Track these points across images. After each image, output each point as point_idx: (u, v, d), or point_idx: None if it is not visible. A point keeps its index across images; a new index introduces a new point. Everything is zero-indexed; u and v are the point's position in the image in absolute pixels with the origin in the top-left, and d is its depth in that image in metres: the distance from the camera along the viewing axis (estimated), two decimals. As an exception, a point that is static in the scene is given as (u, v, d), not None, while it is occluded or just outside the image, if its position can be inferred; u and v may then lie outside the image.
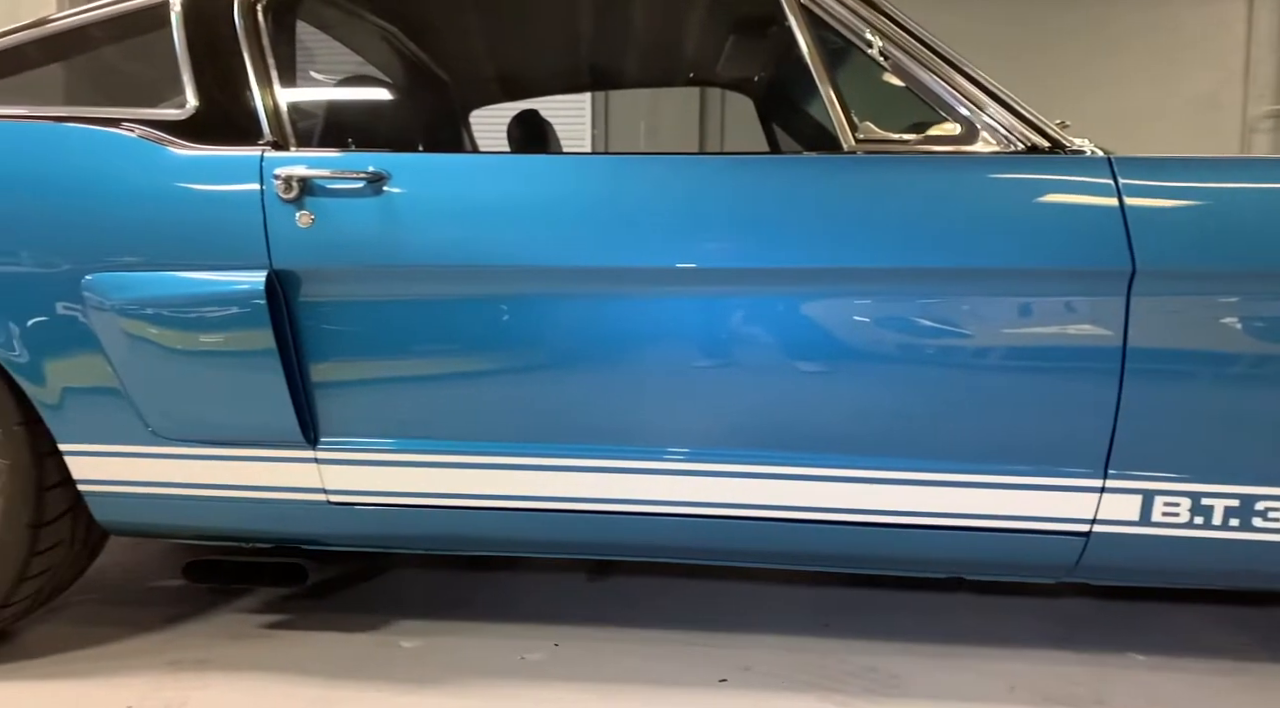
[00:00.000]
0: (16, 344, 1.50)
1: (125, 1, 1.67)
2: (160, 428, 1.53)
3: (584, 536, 1.55)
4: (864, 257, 1.39)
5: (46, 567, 1.59)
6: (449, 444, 1.52)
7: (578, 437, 1.49)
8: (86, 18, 1.67)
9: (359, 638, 1.71)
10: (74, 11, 1.68)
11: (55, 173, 1.52)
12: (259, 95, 1.58)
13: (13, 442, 1.53)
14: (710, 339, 1.46)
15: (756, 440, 1.47)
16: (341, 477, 1.54)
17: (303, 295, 1.50)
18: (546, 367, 1.49)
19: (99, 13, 1.67)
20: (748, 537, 1.51)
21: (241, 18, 1.61)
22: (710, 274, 1.43)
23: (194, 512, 1.58)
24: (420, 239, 1.47)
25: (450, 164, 1.52)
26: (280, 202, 1.48)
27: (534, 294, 1.47)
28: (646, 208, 1.45)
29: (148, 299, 1.47)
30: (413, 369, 1.51)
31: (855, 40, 1.48)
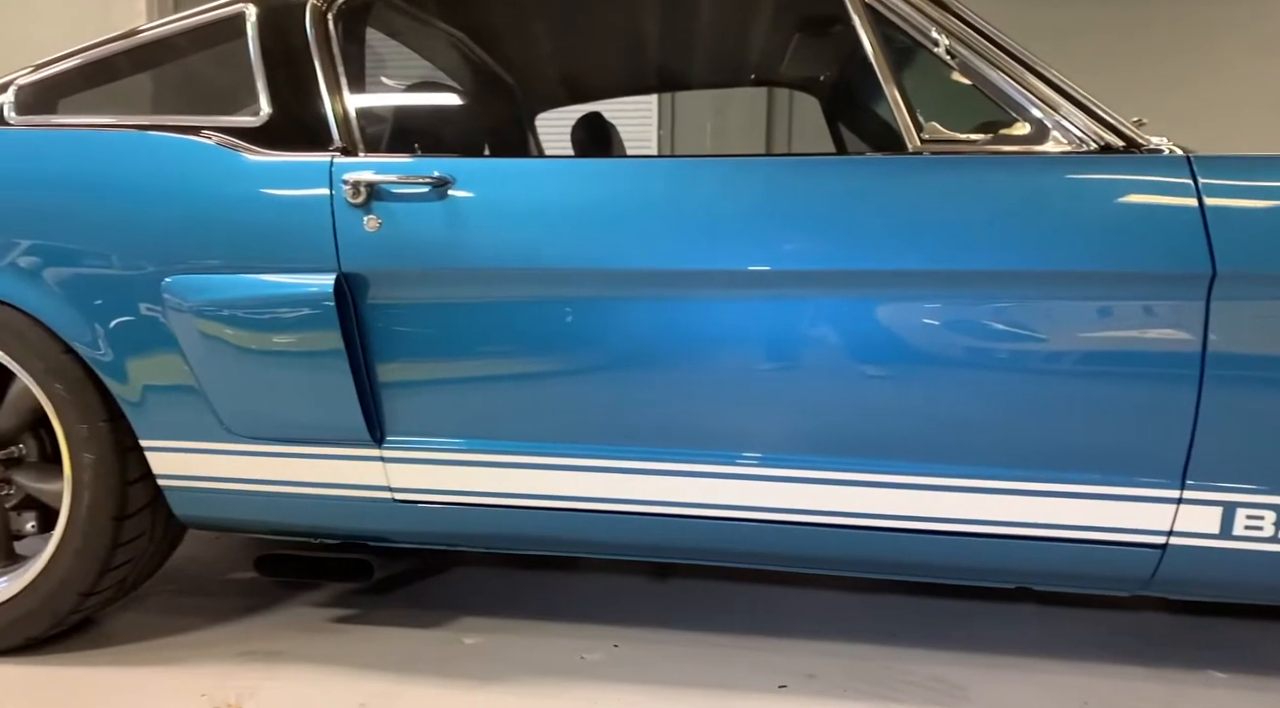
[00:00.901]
0: (101, 344, 1.56)
1: (206, 13, 1.73)
2: (234, 425, 1.58)
3: (646, 538, 1.55)
4: (930, 260, 1.37)
5: (129, 558, 1.65)
6: (512, 445, 1.53)
7: (641, 440, 1.50)
8: (171, 29, 1.74)
9: (422, 634, 1.74)
10: (160, 23, 1.75)
11: (140, 179, 1.58)
12: (329, 102, 1.62)
13: (98, 437, 1.59)
14: (774, 343, 1.44)
15: (823, 446, 1.45)
16: (406, 475, 1.57)
17: (370, 297, 1.53)
18: (610, 369, 1.49)
19: (182, 24, 1.73)
20: (813, 543, 1.50)
21: (312, 26, 1.66)
22: (772, 277, 1.42)
23: (265, 507, 1.63)
24: (484, 242, 1.49)
25: (513, 168, 1.53)
26: (348, 206, 1.52)
27: (595, 297, 1.48)
28: (709, 211, 1.45)
29: (222, 300, 1.52)
30: (477, 370, 1.53)
31: (921, 39, 1.45)
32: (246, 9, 1.69)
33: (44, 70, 1.76)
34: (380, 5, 1.81)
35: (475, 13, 2.12)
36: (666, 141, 7.11)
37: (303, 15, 1.66)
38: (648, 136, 7.07)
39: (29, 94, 1.74)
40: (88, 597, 1.62)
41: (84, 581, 1.60)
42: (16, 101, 1.73)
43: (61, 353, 1.58)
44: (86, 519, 1.59)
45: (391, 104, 2.00)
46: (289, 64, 1.65)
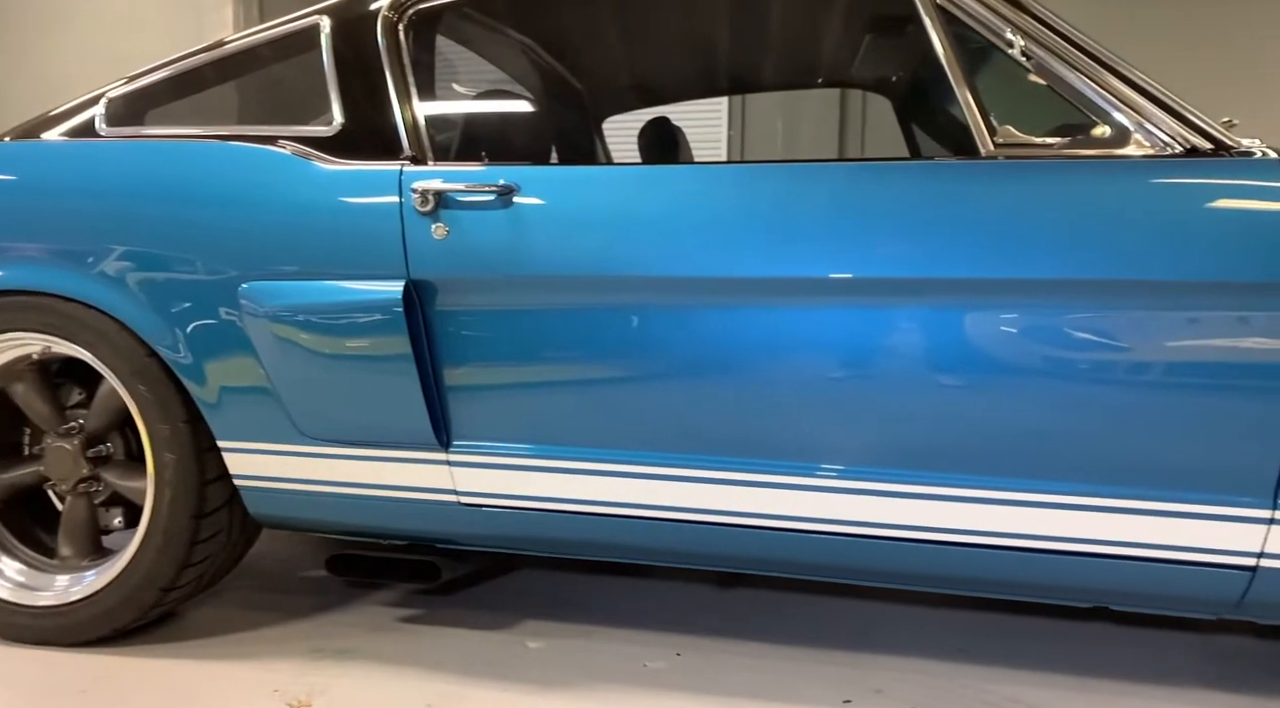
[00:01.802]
0: (182, 347, 1.62)
1: (284, 24, 1.77)
2: (306, 428, 1.62)
3: (712, 548, 1.54)
4: (1006, 268, 1.32)
5: (207, 555, 1.71)
6: (577, 451, 1.54)
7: (706, 448, 1.49)
8: (252, 40, 1.79)
9: (487, 636, 1.75)
10: (242, 34, 1.80)
11: (220, 188, 1.62)
12: (399, 111, 1.64)
13: (179, 438, 1.65)
14: (844, 352, 1.42)
15: (893, 458, 1.42)
16: (472, 479, 1.59)
17: (437, 304, 1.55)
18: (676, 377, 1.49)
19: (262, 35, 1.78)
20: (885, 557, 1.46)
21: (383, 36, 1.68)
22: (841, 285, 1.40)
23: (335, 508, 1.67)
24: (549, 250, 1.49)
25: (577, 176, 1.54)
26: (417, 214, 1.54)
27: (661, 305, 1.47)
28: (777, 217, 1.43)
29: (296, 306, 1.56)
30: (542, 377, 1.54)
31: (994, 40, 1.41)
32: (321, 20, 1.73)
33: (135, 83, 1.82)
34: (450, 14, 1.84)
35: (545, 19, 2.14)
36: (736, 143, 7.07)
37: (374, 26, 1.69)
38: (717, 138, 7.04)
39: (119, 106, 1.81)
40: (168, 591, 1.68)
41: (165, 576, 1.66)
42: (107, 113, 1.80)
43: (145, 356, 1.64)
44: (168, 517, 1.65)
45: (461, 112, 2.02)
46: (360, 74, 1.68)
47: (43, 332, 1.67)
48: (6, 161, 1.72)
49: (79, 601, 1.69)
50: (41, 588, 1.74)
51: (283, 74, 1.82)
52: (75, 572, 1.75)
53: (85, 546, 1.77)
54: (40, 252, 1.65)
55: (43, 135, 1.83)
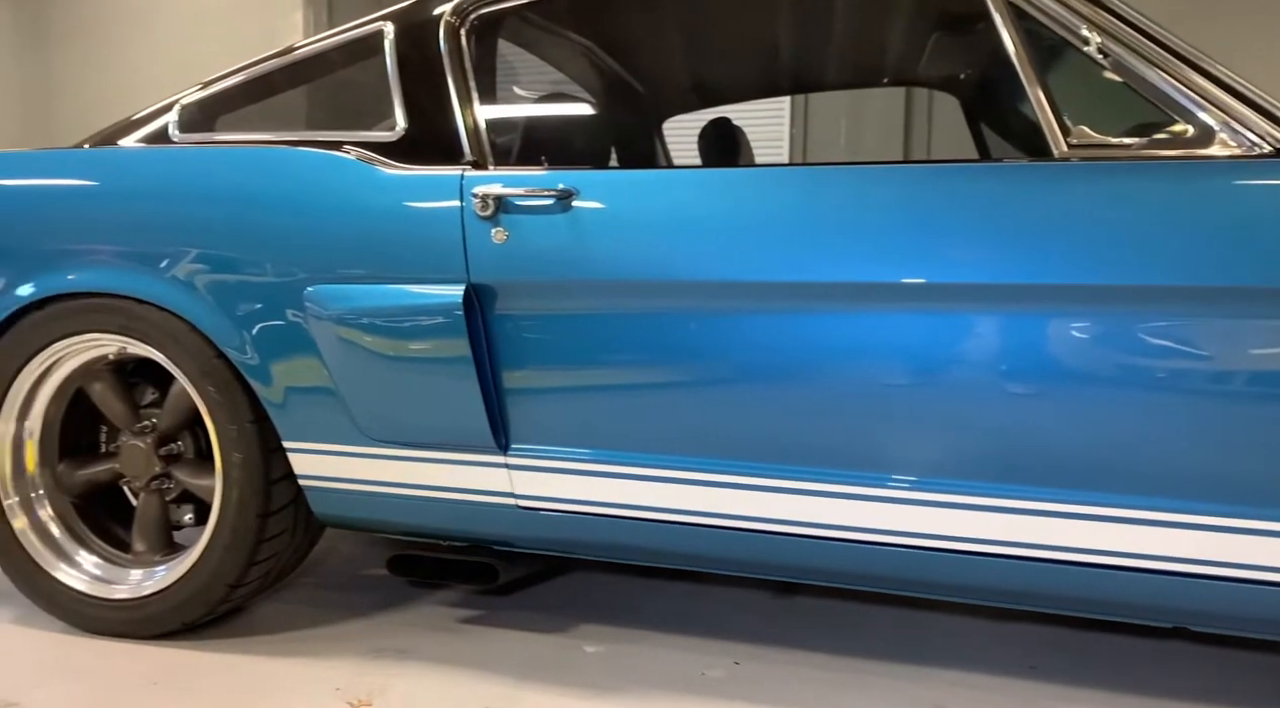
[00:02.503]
0: (249, 349, 1.65)
1: (350, 30, 1.80)
2: (368, 429, 1.64)
3: (773, 558, 1.52)
4: (1081, 274, 1.27)
5: (272, 553, 1.74)
6: (635, 456, 1.53)
7: (766, 456, 1.46)
8: (320, 46, 1.82)
9: (545, 639, 1.76)
10: (311, 40, 1.83)
11: (287, 193, 1.65)
12: (460, 116, 1.65)
13: (246, 438, 1.68)
14: (909, 359, 1.38)
15: (963, 470, 1.38)
16: (530, 483, 1.59)
17: (497, 308, 1.56)
18: (736, 384, 1.47)
19: (329, 41, 1.81)
20: (954, 571, 1.42)
21: (445, 42, 1.70)
22: (909, 291, 1.36)
23: (396, 509, 1.68)
24: (607, 254, 1.49)
25: (636, 179, 1.53)
26: (478, 219, 1.55)
27: (721, 310, 1.45)
28: (839, 221, 1.40)
29: (359, 309, 1.58)
30: (600, 382, 1.54)
31: (1069, 37, 1.36)
32: (385, 26, 1.75)
33: (207, 89, 1.87)
34: (512, 18, 1.84)
35: (607, 21, 2.13)
36: (799, 142, 7.00)
37: (436, 31, 1.70)
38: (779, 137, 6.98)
39: (191, 113, 1.85)
40: (235, 588, 1.72)
41: (232, 572, 1.70)
42: (180, 120, 1.85)
43: (214, 357, 1.68)
44: (235, 515, 1.68)
45: (521, 115, 2.03)
46: (423, 79, 1.70)
47: (118, 333, 1.72)
48: (86, 168, 1.78)
49: (151, 595, 1.73)
50: (116, 582, 1.79)
51: (349, 79, 1.85)
52: (148, 567, 1.80)
53: (157, 541, 1.83)
54: (116, 255, 1.69)
55: (120, 142, 1.89)
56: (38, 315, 1.74)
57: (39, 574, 1.79)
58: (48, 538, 1.81)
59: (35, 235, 1.73)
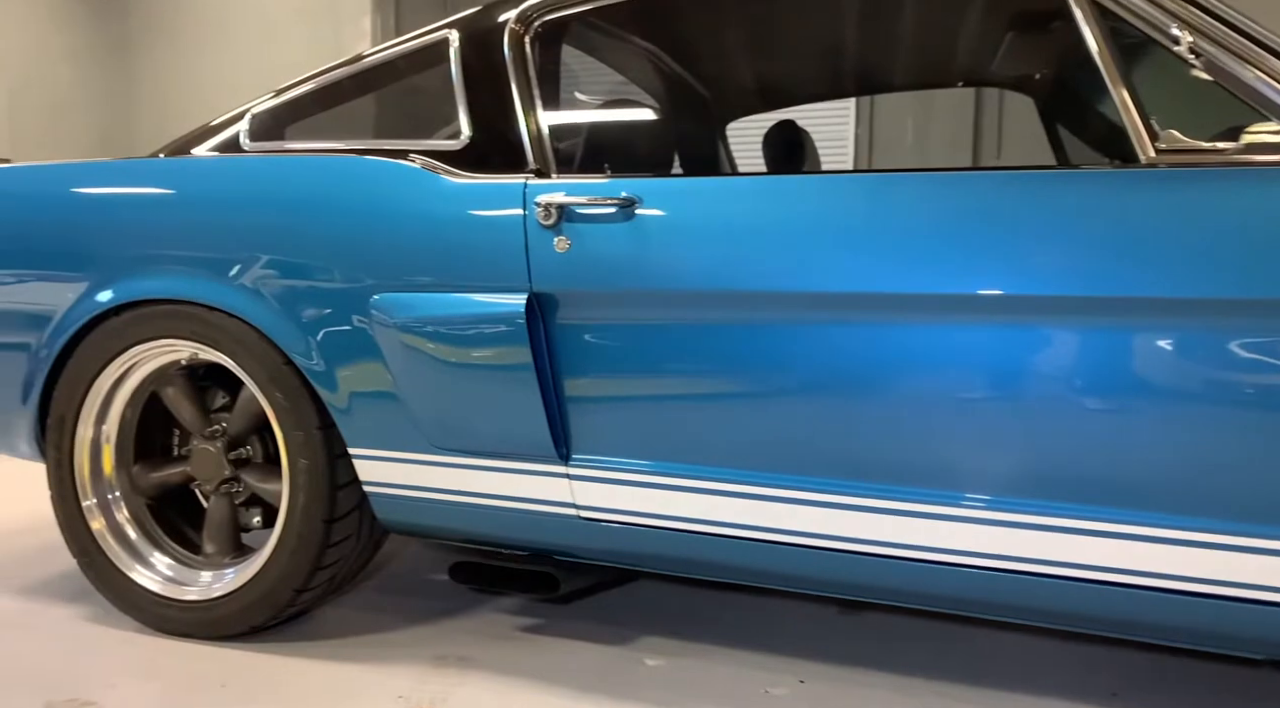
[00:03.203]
0: (315, 355, 1.67)
1: (416, 39, 1.81)
2: (432, 437, 1.64)
3: (837, 576, 1.48)
4: (1168, 286, 1.21)
5: (337, 558, 1.76)
6: (698, 469, 1.50)
7: (832, 472, 1.43)
8: (387, 54, 1.83)
9: (606, 650, 1.74)
10: (378, 49, 1.85)
11: (353, 201, 1.66)
12: (524, 125, 1.65)
13: (312, 444, 1.70)
14: (984, 374, 1.33)
15: (1042, 489, 1.32)
16: (591, 493, 1.57)
17: (559, 317, 1.55)
18: (802, 397, 1.43)
19: (396, 50, 1.82)
20: (1030, 594, 1.36)
21: (510, 49, 1.69)
22: (986, 302, 1.31)
23: (458, 516, 1.69)
24: (670, 263, 1.47)
25: (699, 187, 1.50)
26: (540, 227, 1.54)
27: (788, 321, 1.42)
28: (913, 230, 1.35)
29: (423, 318, 1.59)
30: (662, 393, 1.52)
31: (1157, 36, 1.29)
32: (450, 34, 1.76)
33: (278, 98, 1.89)
34: (576, 24, 1.84)
35: (671, 25, 2.11)
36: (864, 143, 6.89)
37: (501, 39, 1.70)
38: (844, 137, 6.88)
39: (262, 121, 1.88)
40: (301, 593, 1.74)
41: (298, 577, 1.72)
42: (251, 129, 1.88)
43: (282, 364, 1.70)
44: (301, 521, 1.70)
45: (584, 122, 2.02)
46: (487, 87, 1.70)
47: (190, 339, 1.75)
48: (160, 177, 1.82)
49: (221, 597, 1.76)
50: (188, 583, 1.83)
51: (415, 88, 1.86)
52: (217, 569, 1.84)
53: (227, 543, 1.86)
54: (189, 263, 1.73)
55: (193, 150, 1.93)
56: (115, 321, 1.79)
57: (115, 574, 1.84)
58: (124, 539, 1.86)
59: (113, 243, 1.78)
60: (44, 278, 1.82)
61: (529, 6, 1.70)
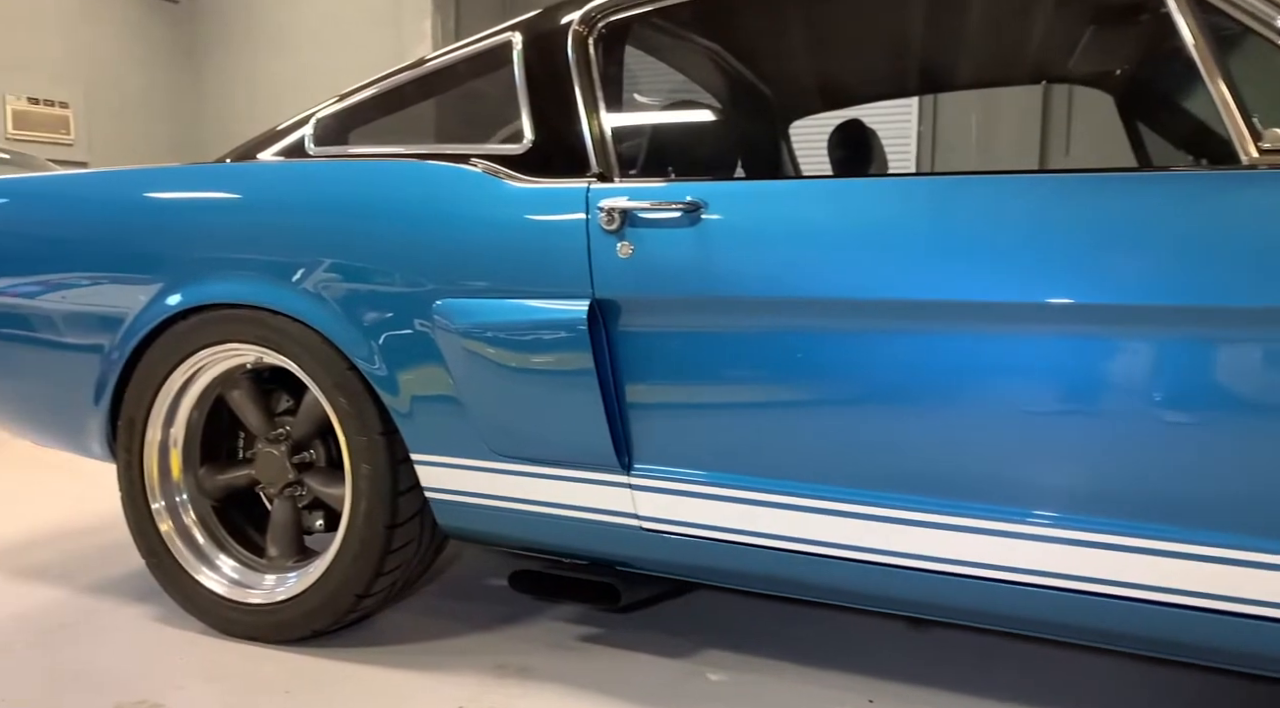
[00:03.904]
0: (379, 361, 1.66)
1: (479, 42, 1.79)
2: (494, 444, 1.63)
3: (907, 595, 1.43)
4: (1272, 294, 1.14)
5: (399, 564, 1.75)
6: (762, 482, 1.46)
7: (904, 487, 1.37)
8: (450, 58, 1.81)
9: (667, 663, 1.71)
10: (441, 53, 1.84)
11: (417, 206, 1.65)
12: (587, 128, 1.62)
13: (375, 449, 1.70)
14: (1070, 387, 1.27)
15: (1121, 508, 1.25)
16: (654, 504, 1.54)
17: (622, 324, 1.52)
18: (871, 409, 1.38)
19: (459, 53, 1.81)
20: (1110, 617, 1.30)
21: (573, 51, 1.67)
22: (1074, 311, 1.25)
23: (519, 525, 1.67)
24: (737, 270, 1.43)
25: (766, 191, 1.45)
26: (603, 232, 1.51)
27: (858, 329, 1.37)
28: (992, 234, 1.29)
29: (486, 324, 1.57)
30: (728, 403, 1.48)
31: (1264, 31, 1.21)
32: (514, 37, 1.74)
33: (342, 102, 1.90)
34: (639, 25, 1.80)
35: (735, 24, 2.07)
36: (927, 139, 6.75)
37: (565, 41, 1.68)
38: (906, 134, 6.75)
39: (326, 126, 1.89)
40: (363, 598, 1.74)
41: (360, 582, 1.72)
42: (315, 134, 1.89)
43: (345, 369, 1.70)
44: (363, 526, 1.70)
45: (647, 124, 1.99)
46: (550, 90, 1.67)
47: (256, 343, 1.76)
48: (226, 182, 1.83)
49: (283, 601, 1.77)
50: (252, 586, 1.84)
51: (477, 91, 1.84)
52: (281, 573, 1.85)
53: (290, 547, 1.87)
54: (254, 268, 1.74)
55: (259, 155, 1.94)
56: (183, 325, 1.81)
57: (182, 576, 1.86)
58: (191, 542, 1.88)
59: (181, 248, 1.79)
60: (117, 281, 1.85)
61: (593, 7, 1.67)
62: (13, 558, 2.28)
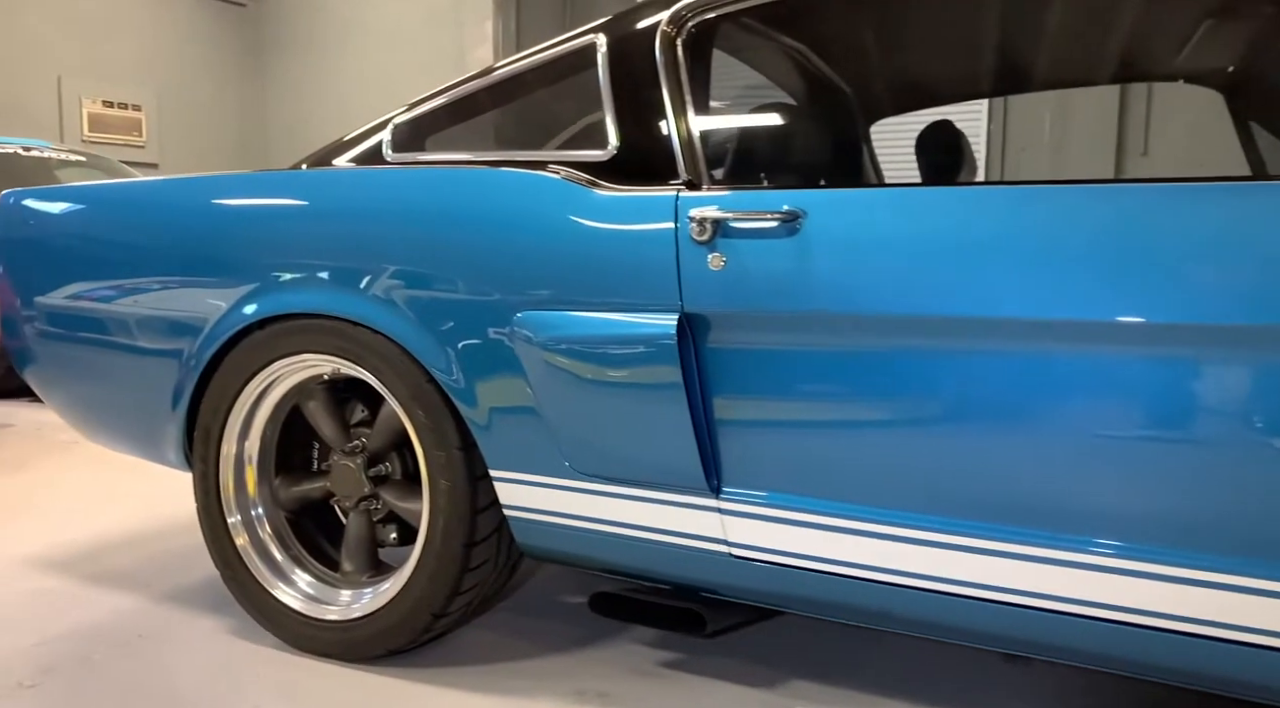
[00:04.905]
0: (459, 373, 1.61)
1: (560, 45, 1.73)
2: (576, 462, 1.57)
3: (1005, 630, 1.33)
4: None
5: (476, 583, 1.70)
6: (863, 510, 1.38)
7: (1012, 519, 1.28)
8: (528, 63, 1.76)
9: (751, 693, 1.63)
10: (518, 57, 1.78)
11: (498, 215, 1.59)
12: (675, 134, 1.55)
13: (453, 464, 1.65)
14: (1202, 415, 1.17)
15: (1246, 548, 1.15)
16: (746, 530, 1.47)
17: (712, 340, 1.45)
18: (981, 435, 1.29)
19: (540, 57, 1.75)
20: (1228, 662, 1.20)
21: (662, 53, 1.60)
22: (1208, 333, 1.14)
23: (601, 546, 1.60)
24: (839, 284, 1.34)
25: (873, 200, 1.36)
26: (693, 243, 1.44)
27: (971, 350, 1.28)
28: (1126, 249, 1.18)
29: (568, 337, 1.51)
30: (826, 426, 1.39)
31: None
32: (597, 39, 1.67)
33: (421, 107, 1.85)
34: (729, 25, 1.73)
35: (826, 22, 1.98)
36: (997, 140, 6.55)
37: (652, 43, 1.61)
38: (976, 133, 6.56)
39: (404, 132, 1.85)
40: (439, 618, 1.69)
41: (437, 602, 1.67)
42: (393, 140, 1.85)
43: (424, 381, 1.65)
44: (440, 543, 1.65)
45: (734, 128, 1.91)
46: (637, 94, 1.61)
47: (333, 354, 1.72)
48: (304, 189, 1.80)
49: (359, 619, 1.73)
50: (328, 603, 1.81)
51: (559, 96, 1.79)
52: (356, 588, 1.81)
53: (364, 561, 1.83)
54: (332, 277, 1.70)
55: (335, 161, 1.91)
56: (259, 335, 1.78)
57: (258, 590, 1.83)
58: (267, 556, 1.85)
59: (257, 255, 1.76)
60: (196, 287, 1.82)
61: (683, 6, 1.60)
62: (89, 563, 2.29)
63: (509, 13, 8.01)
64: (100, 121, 7.94)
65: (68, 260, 2.01)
